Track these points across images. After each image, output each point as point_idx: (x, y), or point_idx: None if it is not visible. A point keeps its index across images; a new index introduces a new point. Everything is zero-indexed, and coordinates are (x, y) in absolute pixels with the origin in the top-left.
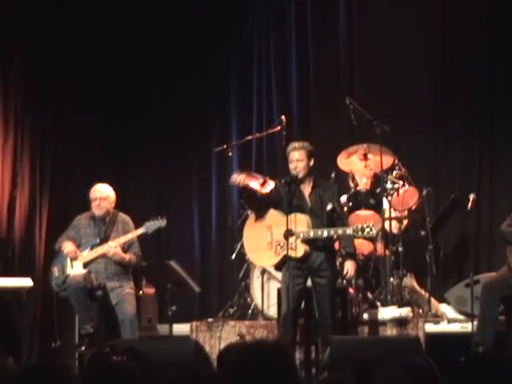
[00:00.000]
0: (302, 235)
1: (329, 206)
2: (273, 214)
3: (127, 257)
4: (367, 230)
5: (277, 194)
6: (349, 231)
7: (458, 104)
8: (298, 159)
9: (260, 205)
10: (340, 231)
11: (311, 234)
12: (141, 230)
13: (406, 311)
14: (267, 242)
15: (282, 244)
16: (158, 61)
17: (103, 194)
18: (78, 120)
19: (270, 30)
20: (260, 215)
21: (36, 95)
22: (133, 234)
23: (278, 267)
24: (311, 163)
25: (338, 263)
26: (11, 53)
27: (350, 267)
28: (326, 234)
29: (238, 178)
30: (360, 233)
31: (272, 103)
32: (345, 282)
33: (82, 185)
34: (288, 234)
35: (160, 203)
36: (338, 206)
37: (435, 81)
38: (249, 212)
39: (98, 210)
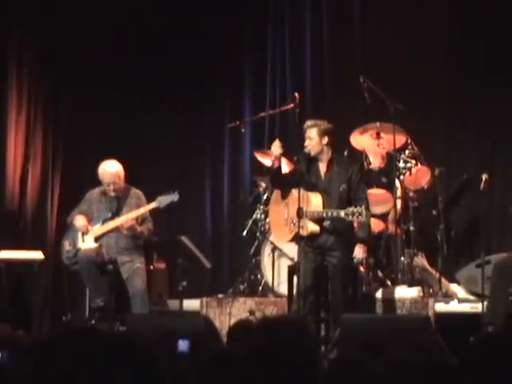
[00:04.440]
0: (308, 214)
1: (342, 187)
2: (293, 192)
3: (139, 229)
4: (357, 214)
5: (298, 172)
6: (341, 213)
7: (470, 83)
8: (309, 137)
9: (283, 184)
10: (335, 213)
11: (315, 214)
12: (153, 204)
13: (416, 290)
14: (284, 219)
15: (294, 221)
16: (172, 35)
17: (113, 178)
18: (92, 94)
19: (285, 6)
20: (284, 193)
21: (49, 68)
22: (145, 208)
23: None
24: (324, 141)
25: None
26: (25, 27)
27: (357, 252)
28: (324, 214)
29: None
30: (350, 216)
31: (286, 80)
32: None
33: (94, 158)
34: (299, 211)
35: (172, 178)
36: (356, 186)
37: (448, 60)
38: (261, 189)
39: (111, 192)
